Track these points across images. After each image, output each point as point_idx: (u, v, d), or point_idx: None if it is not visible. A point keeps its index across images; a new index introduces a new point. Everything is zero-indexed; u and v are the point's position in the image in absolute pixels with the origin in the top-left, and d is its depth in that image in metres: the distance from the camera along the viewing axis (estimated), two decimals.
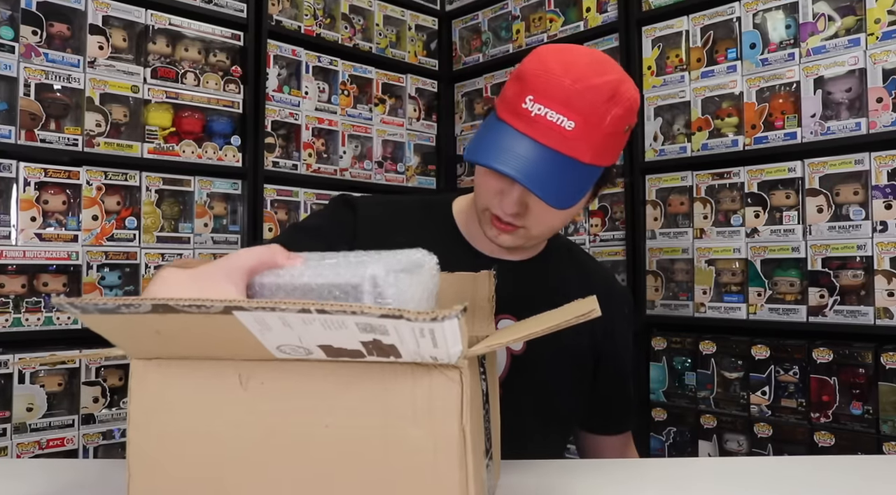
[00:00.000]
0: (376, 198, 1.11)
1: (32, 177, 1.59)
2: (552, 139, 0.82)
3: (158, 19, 1.80)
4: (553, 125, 0.82)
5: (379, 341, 0.48)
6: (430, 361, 0.51)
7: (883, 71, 1.56)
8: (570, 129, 0.82)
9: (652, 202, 1.95)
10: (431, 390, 0.52)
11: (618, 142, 0.88)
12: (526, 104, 0.83)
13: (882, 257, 1.54)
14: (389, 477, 0.52)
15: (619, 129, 0.85)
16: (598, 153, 0.84)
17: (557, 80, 0.83)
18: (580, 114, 0.82)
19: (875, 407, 1.53)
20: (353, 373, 0.53)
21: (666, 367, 1.89)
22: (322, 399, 0.53)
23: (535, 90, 0.83)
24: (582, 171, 0.85)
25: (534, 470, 0.81)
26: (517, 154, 0.83)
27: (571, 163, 0.83)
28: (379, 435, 0.52)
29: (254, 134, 1.96)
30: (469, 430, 0.52)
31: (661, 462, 1.32)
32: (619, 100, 0.84)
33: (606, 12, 2.08)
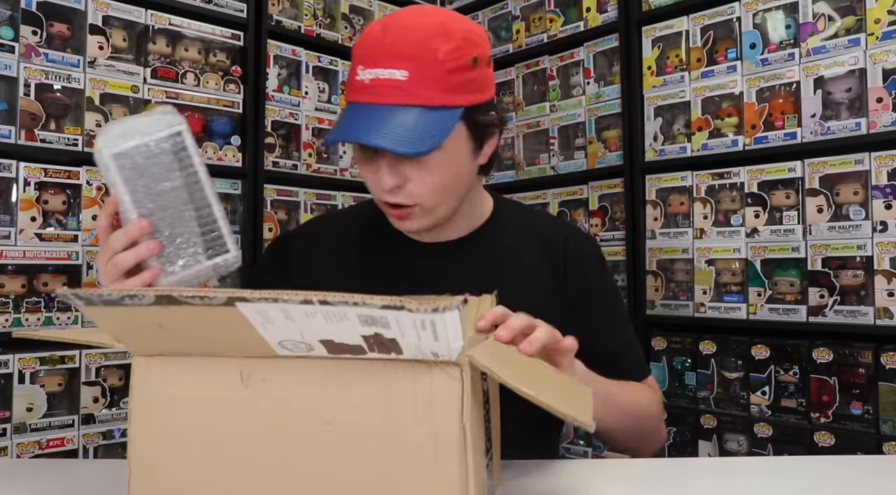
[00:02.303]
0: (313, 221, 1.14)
1: (32, 177, 1.59)
2: (390, 95, 0.81)
3: (158, 19, 1.80)
4: (387, 82, 0.81)
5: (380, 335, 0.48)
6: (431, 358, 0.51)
7: (883, 71, 1.56)
8: (405, 79, 0.81)
9: (652, 202, 1.95)
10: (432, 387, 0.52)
11: (469, 77, 0.84)
12: (358, 75, 0.83)
13: (882, 257, 1.54)
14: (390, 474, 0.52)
15: (461, 63, 0.83)
16: (445, 92, 0.82)
17: (379, 40, 0.83)
18: (409, 60, 0.81)
19: (875, 407, 1.53)
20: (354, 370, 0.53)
21: (666, 367, 1.89)
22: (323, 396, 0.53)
23: (363, 58, 0.83)
24: (432, 115, 0.82)
25: (532, 471, 0.81)
26: (361, 123, 0.82)
27: (417, 111, 0.81)
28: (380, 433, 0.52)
29: (254, 134, 1.96)
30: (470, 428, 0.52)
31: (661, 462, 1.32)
32: (449, 34, 0.83)
33: (606, 12, 2.08)
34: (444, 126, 0.83)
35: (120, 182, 0.69)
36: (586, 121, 2.11)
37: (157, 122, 0.70)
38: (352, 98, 0.85)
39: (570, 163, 2.16)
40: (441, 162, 0.85)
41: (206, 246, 0.72)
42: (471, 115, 0.86)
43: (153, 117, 0.70)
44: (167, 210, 0.70)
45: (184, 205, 0.71)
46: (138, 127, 0.69)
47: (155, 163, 0.69)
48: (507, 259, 0.99)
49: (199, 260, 0.72)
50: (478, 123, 0.88)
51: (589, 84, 2.12)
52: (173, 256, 0.71)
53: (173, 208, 0.70)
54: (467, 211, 0.99)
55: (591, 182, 2.10)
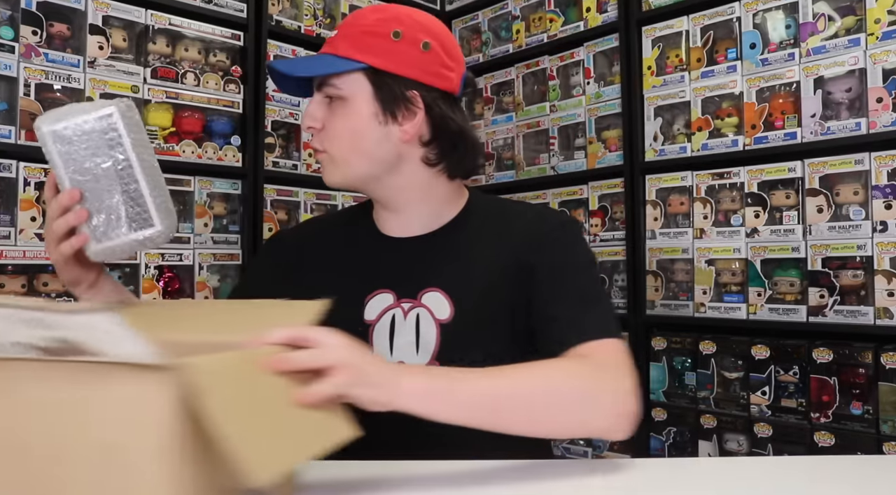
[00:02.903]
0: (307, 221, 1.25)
1: (32, 177, 1.59)
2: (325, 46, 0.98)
3: (158, 19, 1.80)
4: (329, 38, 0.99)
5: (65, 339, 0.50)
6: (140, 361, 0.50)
7: (883, 71, 1.56)
8: (333, 36, 0.98)
9: (652, 202, 1.95)
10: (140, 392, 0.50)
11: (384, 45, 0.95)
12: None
13: (882, 257, 1.54)
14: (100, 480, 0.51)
15: (379, 30, 0.95)
16: (354, 48, 0.95)
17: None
18: (342, 26, 0.98)
19: (875, 407, 1.53)
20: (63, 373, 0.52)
21: (666, 367, 1.89)
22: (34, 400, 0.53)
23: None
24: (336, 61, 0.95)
25: (531, 471, 0.81)
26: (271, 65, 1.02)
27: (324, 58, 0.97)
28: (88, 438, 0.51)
29: (254, 134, 1.96)
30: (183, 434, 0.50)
31: (661, 462, 1.32)
32: (380, 10, 0.99)
33: (606, 12, 2.08)
34: (337, 66, 0.95)
35: (55, 157, 0.79)
36: (586, 121, 2.11)
37: (93, 106, 0.79)
38: None
39: (570, 163, 2.16)
40: (344, 111, 0.97)
41: (129, 220, 0.80)
42: (376, 75, 0.95)
43: (93, 103, 0.80)
44: (97, 183, 0.79)
45: (111, 182, 0.79)
46: (75, 110, 0.79)
47: (84, 141, 0.78)
48: (473, 253, 1.01)
49: (122, 232, 0.80)
50: (385, 87, 0.96)
51: (589, 84, 2.12)
52: (101, 227, 0.80)
53: (101, 183, 0.79)
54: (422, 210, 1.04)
55: (591, 182, 2.10)
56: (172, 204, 0.84)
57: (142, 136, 0.81)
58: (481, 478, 0.78)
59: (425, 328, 0.99)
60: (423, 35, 0.97)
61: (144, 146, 0.80)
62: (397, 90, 0.96)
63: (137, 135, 0.80)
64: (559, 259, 0.99)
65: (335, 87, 0.96)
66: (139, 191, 0.79)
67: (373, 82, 0.95)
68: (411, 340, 0.99)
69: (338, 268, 1.06)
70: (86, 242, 0.82)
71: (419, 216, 1.04)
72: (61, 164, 0.79)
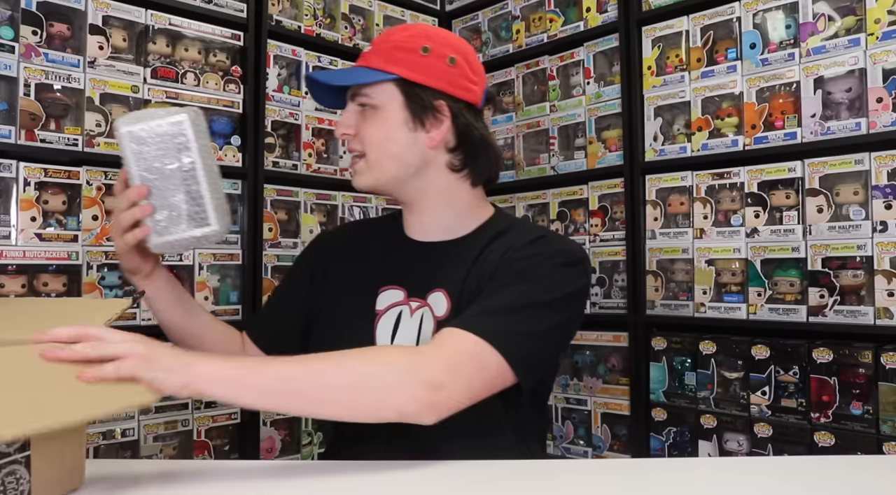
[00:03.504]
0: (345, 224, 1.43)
1: (32, 177, 1.59)
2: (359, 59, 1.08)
3: (158, 19, 1.80)
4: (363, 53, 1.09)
5: None
6: None
7: (883, 71, 1.56)
8: (367, 51, 1.08)
9: (652, 202, 1.95)
10: None
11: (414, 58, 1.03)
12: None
13: (882, 257, 1.54)
14: None
15: (409, 45, 1.04)
16: (385, 61, 1.04)
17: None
18: (375, 42, 1.09)
19: (875, 408, 1.53)
20: None
21: (666, 367, 1.89)
22: None
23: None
24: (369, 72, 1.04)
25: (530, 471, 0.82)
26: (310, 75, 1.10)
27: (358, 69, 1.07)
28: None
29: (254, 134, 1.96)
30: None
31: (661, 462, 1.32)
32: (409, 28, 1.11)
33: (606, 12, 2.08)
34: (371, 77, 1.04)
35: (129, 155, 0.87)
36: (586, 121, 2.11)
37: (167, 112, 0.88)
38: None
39: (570, 163, 2.16)
40: (376, 119, 1.05)
41: (189, 218, 0.88)
42: (407, 85, 1.04)
43: (167, 109, 0.88)
44: (163, 182, 0.87)
45: (176, 182, 0.87)
46: (151, 114, 0.87)
47: (156, 142, 0.86)
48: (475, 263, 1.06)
49: (182, 229, 0.89)
50: (415, 97, 1.04)
51: (589, 84, 2.12)
52: (163, 222, 0.89)
53: (167, 182, 0.87)
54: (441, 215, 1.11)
55: (591, 182, 2.10)
56: (228, 206, 0.94)
57: (207, 143, 0.90)
58: (481, 478, 0.78)
59: (426, 325, 1.03)
60: (449, 51, 1.06)
61: (208, 152, 0.90)
62: (426, 100, 1.04)
63: (203, 142, 0.88)
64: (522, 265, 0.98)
65: (368, 97, 1.05)
66: (200, 192, 0.88)
67: (404, 92, 1.04)
68: (413, 337, 1.03)
69: (359, 260, 1.16)
70: (147, 234, 0.92)
71: (441, 220, 1.11)
72: (133, 162, 0.88)
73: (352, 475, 0.81)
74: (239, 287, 1.93)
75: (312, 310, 1.17)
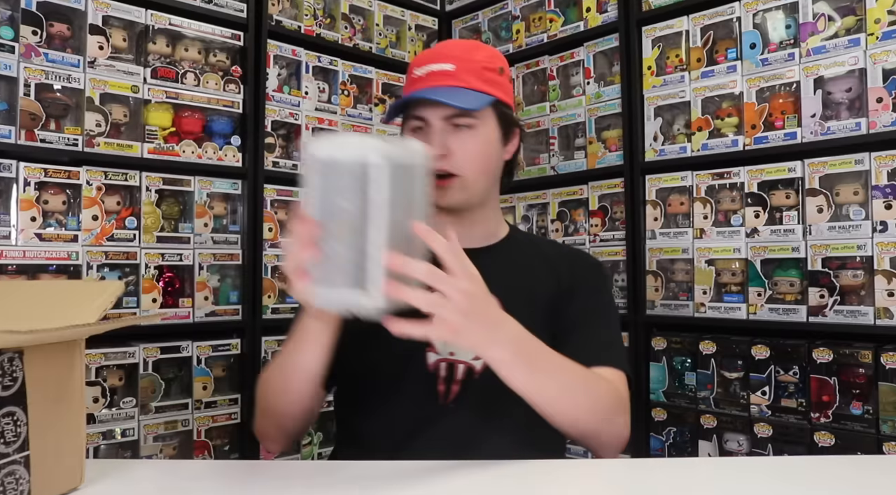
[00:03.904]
0: None
1: (32, 177, 1.59)
2: (441, 79, 1.05)
3: (158, 19, 1.80)
4: (438, 72, 1.06)
5: None
6: None
7: (883, 71, 1.56)
8: (452, 69, 1.06)
9: (652, 202, 1.95)
10: None
11: (497, 80, 1.09)
12: (414, 74, 1.08)
13: (882, 257, 1.54)
14: None
15: (492, 67, 1.09)
16: (481, 82, 1.06)
17: (429, 52, 1.11)
18: (454, 59, 1.07)
19: (875, 408, 1.53)
20: None
21: (666, 367, 1.89)
22: None
23: (416, 64, 1.09)
24: (474, 93, 1.05)
25: (531, 471, 0.82)
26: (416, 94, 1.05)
27: (461, 90, 1.05)
28: None
29: (254, 134, 1.96)
30: None
31: (661, 462, 1.32)
32: (480, 48, 1.12)
33: (606, 12, 2.08)
34: (482, 101, 1.05)
35: (314, 183, 0.73)
36: (586, 121, 2.11)
37: (368, 147, 0.71)
38: (407, 89, 1.09)
39: (570, 163, 2.16)
40: (479, 136, 1.06)
41: (348, 277, 0.71)
42: (498, 106, 1.09)
43: (371, 143, 0.71)
44: (338, 225, 0.71)
45: (351, 229, 0.71)
46: (351, 143, 0.72)
47: (342, 179, 0.71)
48: (518, 274, 1.10)
49: (337, 286, 0.72)
50: (503, 116, 1.10)
51: (589, 84, 2.12)
52: (324, 270, 0.73)
53: (342, 226, 0.71)
54: (487, 222, 1.14)
55: (591, 182, 2.10)
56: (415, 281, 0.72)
57: (406, 196, 0.73)
58: (481, 478, 0.78)
59: None
60: (505, 65, 1.13)
61: (404, 206, 0.73)
62: (510, 118, 1.12)
63: (399, 194, 0.71)
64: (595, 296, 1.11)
65: (473, 117, 1.06)
66: (366, 251, 0.71)
67: (497, 113, 1.09)
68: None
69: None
70: (306, 280, 0.75)
71: (486, 227, 1.14)
72: (316, 193, 0.73)
73: (352, 475, 0.81)
74: (239, 287, 1.93)
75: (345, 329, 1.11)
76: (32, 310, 0.76)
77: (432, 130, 1.05)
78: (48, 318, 0.67)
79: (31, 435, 0.63)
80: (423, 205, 0.77)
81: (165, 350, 1.77)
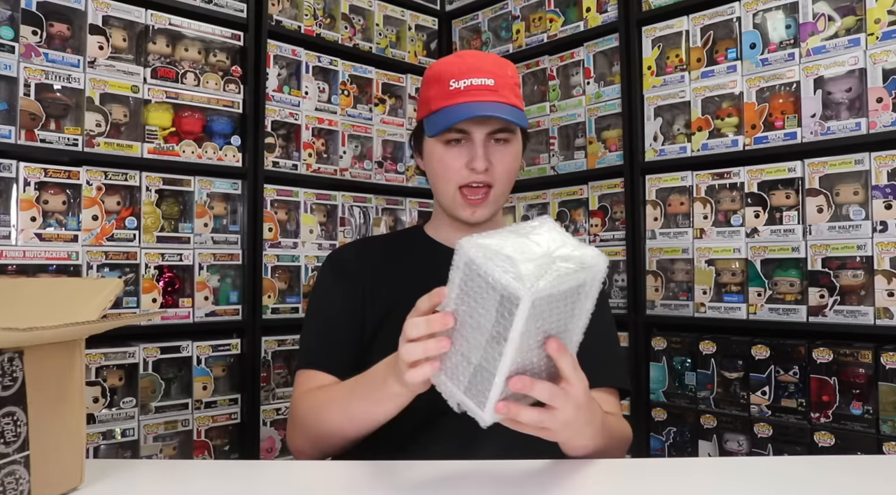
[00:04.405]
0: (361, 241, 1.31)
1: (32, 177, 1.59)
2: (485, 95, 1.05)
3: (158, 19, 1.80)
4: (480, 86, 1.06)
5: None
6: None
7: (883, 71, 1.56)
8: (493, 84, 1.06)
9: (652, 202, 1.95)
10: None
11: (521, 95, 1.14)
12: (452, 85, 1.07)
13: (882, 257, 1.54)
14: None
15: (518, 82, 1.13)
16: (517, 98, 1.09)
17: (464, 62, 1.09)
18: (492, 74, 1.07)
19: (875, 407, 1.53)
20: None
21: (666, 367, 1.89)
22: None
23: (453, 74, 1.08)
24: (514, 110, 1.07)
25: (531, 470, 0.81)
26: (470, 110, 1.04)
27: (505, 106, 1.06)
28: None
29: (254, 134, 1.96)
30: None
31: (661, 462, 1.32)
32: (507, 63, 1.13)
33: (606, 12, 2.08)
34: (523, 118, 1.09)
35: (458, 280, 0.69)
36: (586, 121, 2.11)
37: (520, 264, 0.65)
38: (448, 102, 1.07)
39: (570, 163, 2.16)
40: (514, 151, 1.11)
41: (470, 384, 0.70)
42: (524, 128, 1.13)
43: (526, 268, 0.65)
44: (471, 330, 0.69)
45: (484, 341, 0.68)
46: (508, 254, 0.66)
47: (485, 292, 0.67)
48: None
49: (457, 383, 0.71)
50: (525, 130, 1.14)
51: (589, 84, 2.12)
52: (450, 364, 0.71)
53: (475, 333, 0.69)
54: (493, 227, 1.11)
55: (591, 182, 2.10)
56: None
57: (549, 324, 0.69)
58: (481, 478, 0.78)
59: None
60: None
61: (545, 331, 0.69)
62: (526, 132, 1.16)
63: (541, 323, 0.67)
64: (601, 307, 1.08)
65: (511, 133, 1.10)
66: (492, 372, 0.67)
67: (521, 128, 1.12)
68: None
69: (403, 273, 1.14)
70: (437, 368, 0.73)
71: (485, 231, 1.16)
72: (455, 288, 0.70)
73: (352, 475, 0.81)
74: (239, 287, 1.93)
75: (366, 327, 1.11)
76: (31, 308, 0.76)
77: (475, 144, 1.08)
78: (47, 317, 0.67)
79: (31, 435, 0.63)
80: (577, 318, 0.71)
81: (165, 350, 1.77)
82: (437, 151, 1.11)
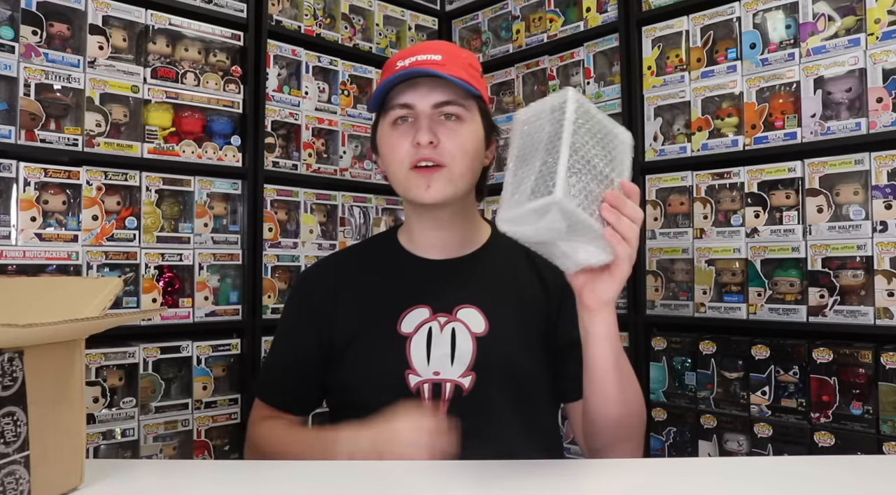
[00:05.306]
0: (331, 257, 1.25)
1: (32, 177, 1.59)
2: (430, 66, 1.01)
3: (158, 19, 1.80)
4: (425, 61, 1.02)
5: None
6: None
7: (883, 71, 1.56)
8: (440, 59, 1.02)
9: (652, 202, 1.95)
10: None
11: (480, 79, 1.09)
12: (398, 66, 1.03)
13: (882, 257, 1.54)
14: None
15: (475, 65, 1.10)
16: (468, 76, 1.03)
17: (413, 47, 1.08)
18: (440, 51, 1.04)
19: (875, 407, 1.53)
20: None
21: (666, 367, 1.89)
22: None
23: (399, 57, 1.05)
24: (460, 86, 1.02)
25: (532, 470, 0.82)
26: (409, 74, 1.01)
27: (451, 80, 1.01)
28: None
29: (254, 134, 1.96)
30: None
31: (661, 462, 1.32)
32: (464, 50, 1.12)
33: (606, 12, 2.08)
34: (474, 88, 1.03)
35: (517, 136, 0.82)
36: None
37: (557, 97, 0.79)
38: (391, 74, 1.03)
39: None
40: (467, 130, 1.04)
41: (533, 190, 0.75)
42: (482, 105, 1.08)
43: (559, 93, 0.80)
44: (529, 155, 0.78)
45: (539, 152, 0.77)
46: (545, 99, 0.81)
47: (537, 118, 0.80)
48: (504, 278, 1.11)
49: (523, 200, 0.75)
50: (486, 116, 1.09)
51: (589, 84, 2.12)
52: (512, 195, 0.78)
53: (532, 154, 0.78)
54: (466, 227, 1.13)
55: None
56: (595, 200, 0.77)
57: (586, 124, 0.78)
58: (481, 478, 0.78)
59: (461, 340, 1.05)
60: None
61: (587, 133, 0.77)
62: (491, 119, 1.11)
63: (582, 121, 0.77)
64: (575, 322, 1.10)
65: (464, 108, 1.04)
66: (555, 164, 0.74)
67: (481, 110, 1.07)
68: (447, 352, 1.04)
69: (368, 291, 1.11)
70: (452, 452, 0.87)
71: (460, 235, 1.12)
72: (518, 142, 0.81)
73: (352, 474, 0.81)
74: (239, 287, 1.93)
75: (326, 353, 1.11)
76: (31, 307, 0.76)
77: (419, 117, 1.02)
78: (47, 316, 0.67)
79: (31, 435, 0.63)
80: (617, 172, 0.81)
81: (165, 350, 1.77)
82: (384, 134, 1.06)
